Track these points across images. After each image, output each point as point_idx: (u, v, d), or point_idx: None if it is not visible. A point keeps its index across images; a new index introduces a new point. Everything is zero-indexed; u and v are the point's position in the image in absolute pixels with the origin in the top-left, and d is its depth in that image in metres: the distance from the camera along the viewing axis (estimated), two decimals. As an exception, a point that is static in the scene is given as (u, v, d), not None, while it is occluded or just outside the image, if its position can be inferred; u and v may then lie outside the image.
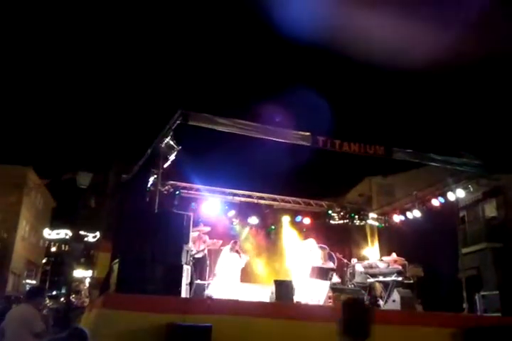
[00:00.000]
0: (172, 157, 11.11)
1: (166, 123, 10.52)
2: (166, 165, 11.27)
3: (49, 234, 33.13)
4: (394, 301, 10.52)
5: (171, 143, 10.75)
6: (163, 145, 10.75)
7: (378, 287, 12.16)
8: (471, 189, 12.90)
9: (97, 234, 26.10)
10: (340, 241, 15.24)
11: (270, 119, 11.19)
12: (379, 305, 11.50)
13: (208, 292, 10.88)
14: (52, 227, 34.02)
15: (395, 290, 10.87)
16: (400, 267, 12.06)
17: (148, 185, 11.99)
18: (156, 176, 11.45)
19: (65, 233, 30.67)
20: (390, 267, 12.12)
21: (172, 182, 13.76)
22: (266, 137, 10.89)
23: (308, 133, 11.02)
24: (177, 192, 13.78)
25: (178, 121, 10.11)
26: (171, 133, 10.56)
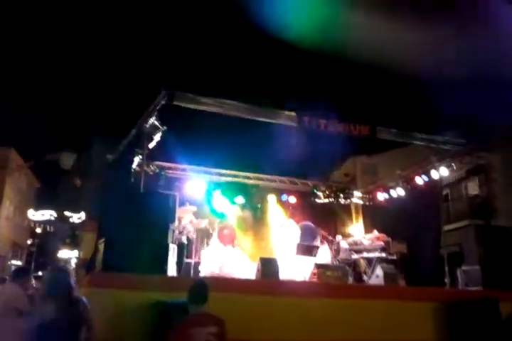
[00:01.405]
0: (157, 137, 11.05)
1: (150, 102, 10.44)
2: (151, 146, 11.23)
3: (33, 215, 32.91)
4: (377, 277, 10.71)
5: (156, 123, 10.68)
6: (147, 126, 10.69)
7: (362, 263, 12.37)
8: (455, 167, 13.06)
9: (82, 214, 26.01)
10: (326, 219, 15.41)
11: (256, 99, 11.18)
12: (363, 281, 11.72)
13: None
14: (37, 208, 33.79)
15: (379, 266, 11.06)
16: (383, 243, 12.27)
17: (133, 166, 11.96)
18: (140, 156, 11.42)
19: (49, 214, 30.50)
20: (374, 244, 12.33)
21: (157, 162, 13.72)
22: (251, 117, 10.88)
23: (293, 113, 11.03)
24: (162, 173, 13.76)
25: (162, 102, 10.04)
26: (156, 113, 10.49)
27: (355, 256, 12.30)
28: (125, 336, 7.06)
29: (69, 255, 31.58)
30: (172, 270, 9.26)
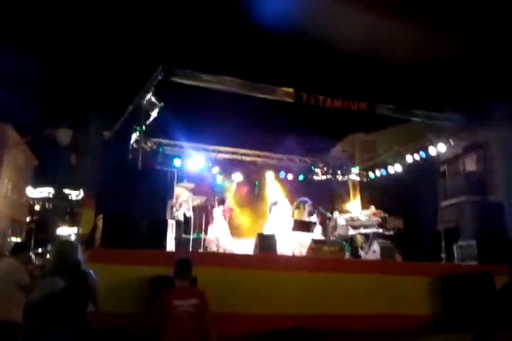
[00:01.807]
0: (154, 114, 11.00)
1: (147, 78, 10.36)
2: (148, 122, 11.18)
3: (32, 193, 33.01)
4: (374, 252, 10.81)
5: (153, 99, 10.63)
6: (144, 102, 10.63)
7: (359, 238, 12.44)
8: (452, 143, 13.06)
9: (81, 192, 26.09)
10: (324, 196, 15.47)
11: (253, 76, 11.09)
12: (360, 256, 11.84)
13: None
14: (35, 186, 33.82)
15: (376, 241, 11.15)
16: (380, 219, 12.33)
17: (131, 142, 11.93)
18: (138, 133, 11.38)
19: (48, 191, 30.57)
20: (371, 220, 12.39)
21: (155, 139, 13.69)
22: (249, 93, 10.81)
23: (291, 90, 10.96)
24: (160, 150, 13.74)
25: (159, 77, 9.96)
26: (153, 89, 10.42)
27: (352, 232, 12.37)
28: (124, 309, 7.16)
29: (68, 232, 31.77)
30: (171, 245, 9.36)
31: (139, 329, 4.39)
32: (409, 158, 13.85)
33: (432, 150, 13.09)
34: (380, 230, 12.05)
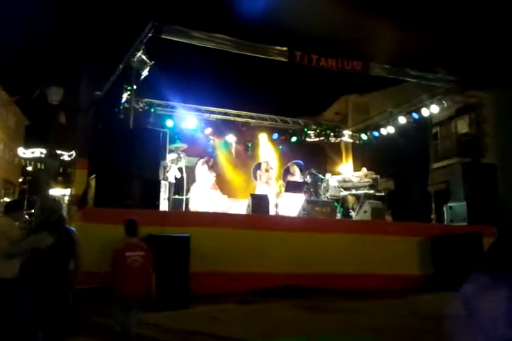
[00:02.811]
0: (145, 72, 10.81)
1: (137, 36, 10.13)
2: (139, 81, 11.00)
3: (24, 153, 32.74)
4: (365, 212, 10.92)
5: (143, 57, 10.41)
6: (135, 60, 10.43)
7: (351, 199, 12.55)
8: (445, 105, 13.01)
9: (73, 152, 25.94)
10: (316, 158, 15.49)
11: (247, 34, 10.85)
12: (351, 217, 11.97)
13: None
14: (27, 146, 33.54)
15: (367, 202, 11.24)
16: (371, 181, 12.39)
17: (122, 102, 11.79)
18: (129, 93, 11.23)
19: (40, 152, 30.29)
20: (362, 181, 12.45)
21: (147, 99, 13.54)
22: (243, 52, 10.59)
23: (285, 49, 10.75)
24: (152, 110, 13.61)
25: (149, 34, 9.72)
26: (143, 47, 10.20)
27: (343, 193, 12.45)
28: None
29: (62, 193, 31.69)
30: (163, 206, 9.41)
31: (105, 283, 5.34)
32: (401, 119, 13.84)
33: (425, 112, 13.07)
34: (371, 191, 12.13)
